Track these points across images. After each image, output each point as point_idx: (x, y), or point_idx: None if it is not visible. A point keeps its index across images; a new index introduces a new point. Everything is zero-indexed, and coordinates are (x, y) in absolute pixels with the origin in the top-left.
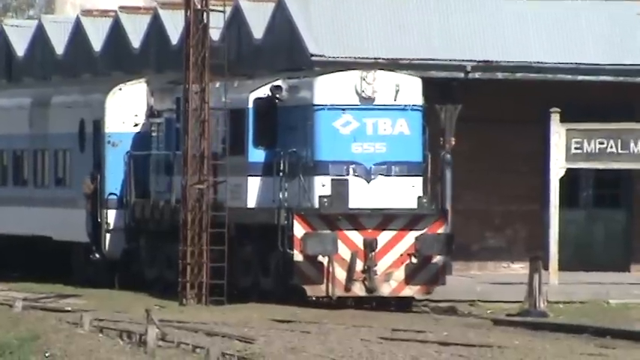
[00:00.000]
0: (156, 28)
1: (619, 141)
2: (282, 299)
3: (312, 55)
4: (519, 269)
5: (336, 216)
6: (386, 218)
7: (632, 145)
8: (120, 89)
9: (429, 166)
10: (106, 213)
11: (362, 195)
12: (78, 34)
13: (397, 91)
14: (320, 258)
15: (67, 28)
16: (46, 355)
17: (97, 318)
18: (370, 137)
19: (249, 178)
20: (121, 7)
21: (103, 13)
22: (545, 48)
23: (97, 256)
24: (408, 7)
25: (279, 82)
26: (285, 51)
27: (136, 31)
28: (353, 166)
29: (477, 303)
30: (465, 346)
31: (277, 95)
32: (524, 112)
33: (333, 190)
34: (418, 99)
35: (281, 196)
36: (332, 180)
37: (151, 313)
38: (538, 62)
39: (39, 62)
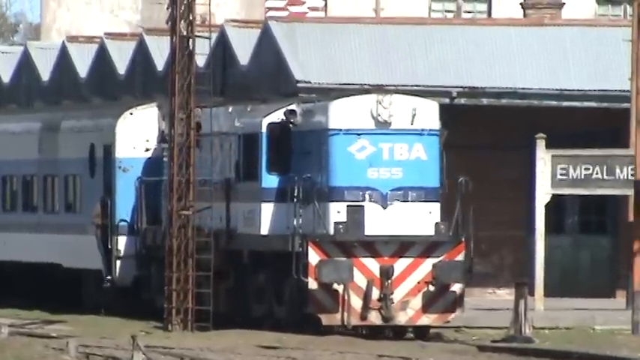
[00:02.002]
0: (141, 54)
1: (605, 167)
2: (296, 328)
3: (298, 82)
4: (505, 295)
5: (352, 243)
6: (403, 245)
7: (617, 170)
8: (131, 114)
9: (446, 191)
10: (117, 240)
11: (378, 221)
12: (63, 60)
13: (414, 115)
14: (335, 286)
15: (52, 55)
16: None
17: (82, 344)
18: (386, 162)
19: (263, 204)
20: (107, 34)
21: (89, 39)
22: (531, 74)
23: (108, 283)
24: (394, 33)
25: (293, 107)
26: (271, 77)
27: (121, 58)
28: (369, 192)
29: (463, 329)
30: None
31: (291, 120)
32: (509, 138)
33: (349, 217)
34: (435, 123)
35: (295, 222)
36: (347, 206)
37: (136, 339)
38: (523, 88)
39: (24, 88)
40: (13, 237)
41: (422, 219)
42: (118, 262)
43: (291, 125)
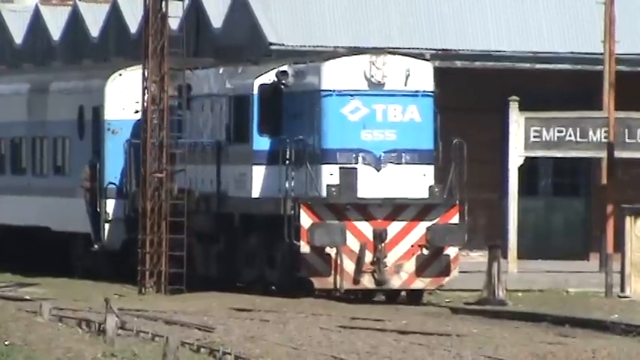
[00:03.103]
0: (115, 17)
1: (578, 129)
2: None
3: (271, 44)
4: (478, 258)
5: (345, 206)
6: (396, 208)
7: (590, 133)
8: (120, 75)
9: (440, 153)
10: (106, 203)
11: (371, 184)
12: (37, 23)
13: (408, 76)
14: (328, 249)
15: (26, 18)
16: (6, 343)
17: (56, 307)
18: (380, 124)
19: (254, 167)
20: None
21: (62, 2)
22: (504, 36)
23: (97, 246)
24: None
25: (285, 68)
26: (244, 40)
27: (95, 21)
28: (362, 154)
29: (436, 292)
30: (423, 334)
31: (283, 81)
32: (483, 100)
33: (342, 179)
34: (429, 84)
35: (287, 185)
36: (340, 168)
37: (109, 302)
38: (497, 51)
39: None
40: (2, 200)
41: (416, 181)
42: (107, 226)
43: (282, 86)
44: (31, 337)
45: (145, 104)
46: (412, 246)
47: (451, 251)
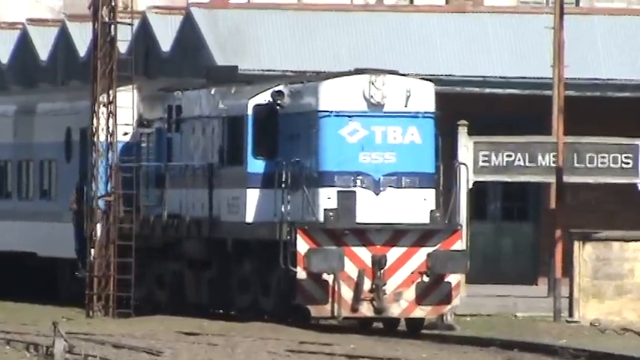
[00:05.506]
0: (64, 40)
1: (527, 154)
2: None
3: (216, 67)
4: None
5: (343, 231)
6: (396, 233)
7: (539, 158)
8: (115, 95)
9: (441, 177)
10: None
11: (370, 208)
12: None
13: (408, 97)
14: (325, 276)
15: None
16: None
17: (3, 330)
18: (379, 146)
19: (248, 190)
20: (29, 20)
21: (11, 25)
22: (453, 61)
23: (83, 272)
24: (316, 20)
25: (280, 87)
26: (193, 63)
27: (43, 44)
28: (360, 177)
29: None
30: (372, 359)
31: (279, 101)
32: None
33: (340, 203)
34: (430, 105)
35: (283, 209)
36: (338, 192)
37: (58, 325)
38: (446, 75)
39: None
40: None
41: (416, 206)
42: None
43: (278, 107)
44: None
45: (94, 127)
46: (412, 273)
47: (452, 279)
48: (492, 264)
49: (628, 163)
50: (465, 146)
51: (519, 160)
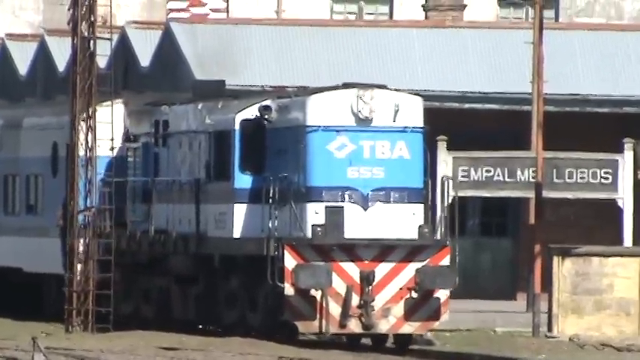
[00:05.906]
0: (43, 55)
1: (506, 169)
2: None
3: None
4: None
5: (331, 246)
6: (384, 249)
7: (519, 173)
8: (95, 110)
9: (429, 192)
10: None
11: (358, 224)
12: None
13: (396, 112)
14: (313, 292)
15: None
16: None
17: None
18: (367, 161)
19: (235, 205)
20: (8, 35)
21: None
22: (433, 76)
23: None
24: (295, 34)
25: (267, 102)
26: (172, 78)
27: (22, 59)
28: (348, 192)
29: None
30: None
31: (266, 116)
32: None
33: (327, 219)
34: (419, 120)
35: (270, 225)
36: (326, 207)
37: (37, 340)
38: (425, 90)
39: None
40: None
41: (405, 221)
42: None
43: (265, 122)
44: None
45: (74, 142)
46: (401, 289)
47: (441, 294)
48: (471, 279)
49: (607, 179)
50: (445, 161)
51: (498, 175)
